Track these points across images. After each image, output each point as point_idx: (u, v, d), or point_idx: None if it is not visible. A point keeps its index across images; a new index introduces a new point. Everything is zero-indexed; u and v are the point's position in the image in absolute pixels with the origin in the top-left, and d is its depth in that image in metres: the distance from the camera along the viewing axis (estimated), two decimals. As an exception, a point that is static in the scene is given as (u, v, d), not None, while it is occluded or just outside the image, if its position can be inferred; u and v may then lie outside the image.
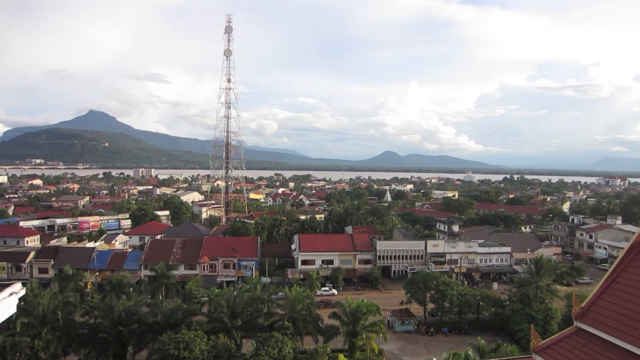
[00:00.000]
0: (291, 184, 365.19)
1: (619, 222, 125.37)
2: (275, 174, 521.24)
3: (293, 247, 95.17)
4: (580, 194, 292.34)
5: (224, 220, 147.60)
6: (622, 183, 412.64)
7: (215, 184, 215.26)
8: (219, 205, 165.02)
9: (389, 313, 66.87)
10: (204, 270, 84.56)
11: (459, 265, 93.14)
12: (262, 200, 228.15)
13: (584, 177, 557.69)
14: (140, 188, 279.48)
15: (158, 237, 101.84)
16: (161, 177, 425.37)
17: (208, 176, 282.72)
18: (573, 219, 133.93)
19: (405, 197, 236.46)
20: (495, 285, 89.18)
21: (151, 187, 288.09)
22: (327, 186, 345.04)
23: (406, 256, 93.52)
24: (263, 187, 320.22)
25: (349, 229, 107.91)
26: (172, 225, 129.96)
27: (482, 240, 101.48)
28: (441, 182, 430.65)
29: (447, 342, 60.35)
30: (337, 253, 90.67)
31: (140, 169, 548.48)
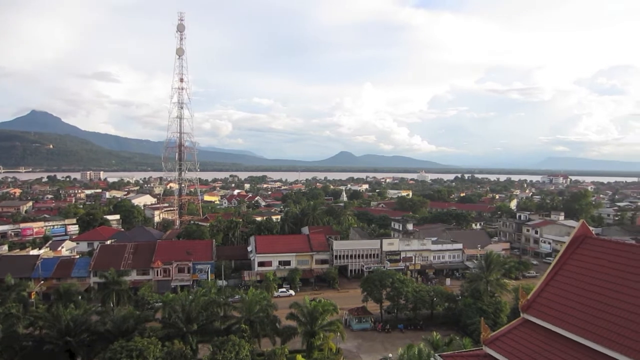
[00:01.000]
0: (247, 186, 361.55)
1: (561, 218, 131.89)
2: (231, 176, 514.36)
3: (249, 248, 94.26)
4: (527, 191, 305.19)
5: (177, 224, 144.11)
6: (564, 181, 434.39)
7: (168, 186, 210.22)
8: (172, 208, 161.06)
9: (346, 312, 67.40)
10: (157, 275, 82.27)
11: (413, 262, 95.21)
12: (217, 202, 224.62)
13: (530, 176, 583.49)
14: (89, 192, 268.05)
15: (108, 242, 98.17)
16: (111, 180, 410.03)
17: (161, 178, 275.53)
18: (520, 216, 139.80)
19: (361, 197, 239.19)
20: (448, 281, 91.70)
21: (100, 190, 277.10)
22: (283, 187, 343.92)
23: (362, 255, 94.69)
24: (218, 189, 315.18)
25: (305, 230, 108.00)
26: (123, 229, 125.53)
27: (435, 238, 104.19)
28: (396, 181, 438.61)
29: (403, 338, 61.46)
30: (294, 254, 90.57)
31: (88, 172, 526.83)
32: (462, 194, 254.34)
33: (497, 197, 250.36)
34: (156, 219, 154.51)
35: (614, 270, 22.23)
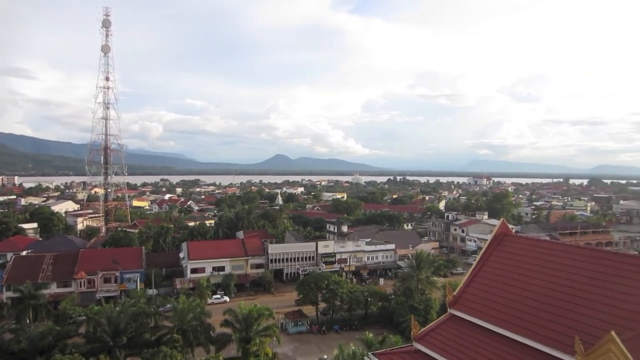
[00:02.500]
0: (179, 190, 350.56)
1: (485, 217, 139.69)
2: (162, 180, 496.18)
3: (182, 255, 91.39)
4: (454, 193, 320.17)
5: (103, 231, 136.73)
6: (487, 182, 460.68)
7: (93, 191, 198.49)
8: (97, 215, 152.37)
9: (282, 316, 67.15)
10: (80, 286, 77.44)
11: (348, 264, 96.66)
12: (147, 207, 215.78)
13: (457, 178, 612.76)
14: (1, 198, 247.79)
15: (23, 253, 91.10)
16: (27, 185, 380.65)
17: (84, 183, 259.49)
18: (448, 216, 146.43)
19: (297, 200, 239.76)
20: (381, 280, 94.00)
21: (14, 197, 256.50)
22: (217, 191, 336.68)
23: (298, 258, 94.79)
24: (148, 193, 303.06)
25: (240, 234, 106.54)
26: (41, 239, 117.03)
27: (369, 239, 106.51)
28: (331, 184, 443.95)
29: (339, 339, 62.01)
30: (229, 259, 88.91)
31: (1, 177, 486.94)
32: (394, 196, 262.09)
33: (427, 198, 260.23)
34: (79, 226, 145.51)
35: (531, 264, 23.84)
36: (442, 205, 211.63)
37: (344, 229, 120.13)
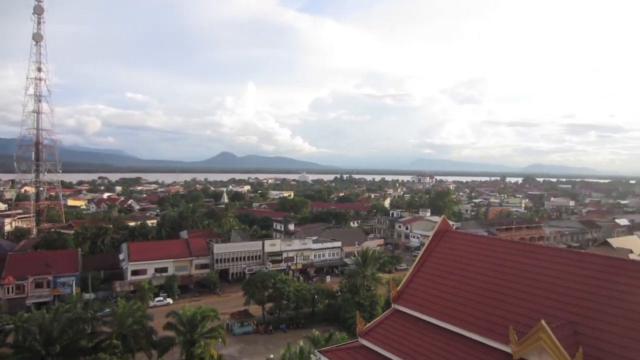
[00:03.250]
0: (118, 188, 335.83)
1: (428, 214, 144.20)
2: (100, 177, 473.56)
3: (121, 257, 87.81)
4: (398, 190, 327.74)
5: (34, 232, 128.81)
6: (430, 180, 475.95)
7: (23, 190, 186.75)
8: (28, 215, 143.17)
9: (227, 316, 66.15)
10: (8, 292, 72.43)
11: (295, 262, 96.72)
12: (84, 207, 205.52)
13: (401, 176, 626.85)
14: None
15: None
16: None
17: (12, 181, 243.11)
18: (393, 213, 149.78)
19: (243, 198, 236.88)
20: (328, 278, 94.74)
21: None
22: (159, 189, 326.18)
23: (244, 257, 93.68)
24: (85, 192, 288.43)
25: (184, 234, 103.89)
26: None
27: (316, 237, 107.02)
28: (277, 182, 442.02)
29: (285, 338, 61.91)
30: (172, 260, 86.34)
31: None
32: (341, 194, 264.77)
33: (372, 196, 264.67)
34: (7, 227, 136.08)
35: (469, 259, 24.81)
36: (387, 203, 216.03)
37: (291, 227, 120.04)
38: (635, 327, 17.38)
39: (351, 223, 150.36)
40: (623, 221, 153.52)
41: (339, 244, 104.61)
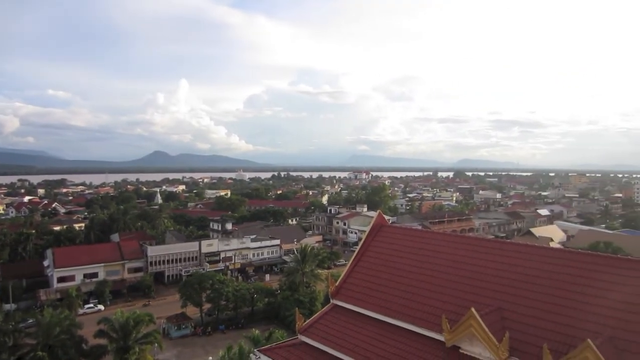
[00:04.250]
0: (41, 191, 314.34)
1: (365, 209, 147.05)
2: (19, 180, 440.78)
3: (46, 263, 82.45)
4: (336, 187, 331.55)
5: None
6: (366, 176, 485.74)
7: None
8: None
9: (164, 320, 64.13)
10: None
11: (233, 262, 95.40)
12: (2, 212, 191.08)
13: (338, 172, 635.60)
14: None
15: None
16: None
17: None
18: (330, 210, 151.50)
19: (178, 199, 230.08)
20: (267, 276, 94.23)
21: None
22: (87, 191, 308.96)
23: (180, 259, 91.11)
24: (2, 196, 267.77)
25: (115, 237, 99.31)
26: None
27: (254, 236, 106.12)
28: (214, 181, 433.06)
29: (225, 339, 61.08)
30: (102, 264, 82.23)
31: None
32: (279, 192, 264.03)
33: (310, 193, 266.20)
34: None
35: (404, 252, 25.64)
36: (325, 199, 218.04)
37: (228, 226, 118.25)
38: (555, 311, 18.76)
39: (289, 220, 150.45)
40: (544, 211, 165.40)
41: (277, 241, 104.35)
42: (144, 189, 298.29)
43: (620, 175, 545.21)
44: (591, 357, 15.26)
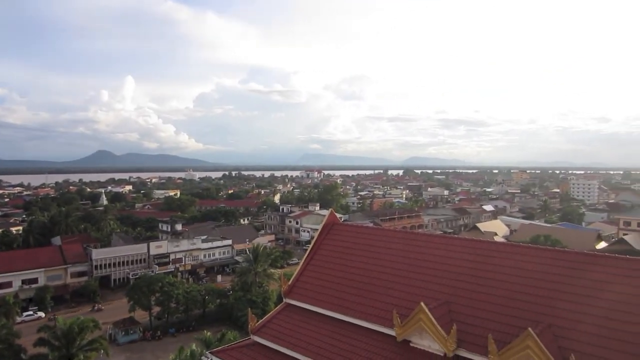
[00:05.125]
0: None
1: (317, 208, 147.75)
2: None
3: (-21, 270, 77.27)
4: (288, 186, 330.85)
5: None
6: (318, 175, 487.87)
7: None
8: None
9: (110, 325, 61.80)
10: None
11: (184, 263, 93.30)
12: None
13: (290, 172, 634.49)
14: None
15: None
16: None
17: None
18: (283, 209, 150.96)
19: (124, 199, 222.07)
20: (219, 277, 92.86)
21: None
22: (25, 192, 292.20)
23: (127, 262, 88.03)
24: None
25: (57, 240, 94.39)
26: None
27: (205, 236, 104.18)
28: (162, 181, 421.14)
29: (175, 343, 59.54)
30: (43, 269, 78.07)
31: None
32: (230, 191, 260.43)
33: (262, 192, 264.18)
34: None
35: (356, 249, 25.95)
36: (277, 198, 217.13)
37: (178, 227, 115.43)
38: (499, 302, 19.59)
39: (241, 220, 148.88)
40: (489, 207, 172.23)
41: (229, 242, 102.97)
42: (88, 189, 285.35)
43: (557, 172, 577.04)
44: (532, 344, 16.06)
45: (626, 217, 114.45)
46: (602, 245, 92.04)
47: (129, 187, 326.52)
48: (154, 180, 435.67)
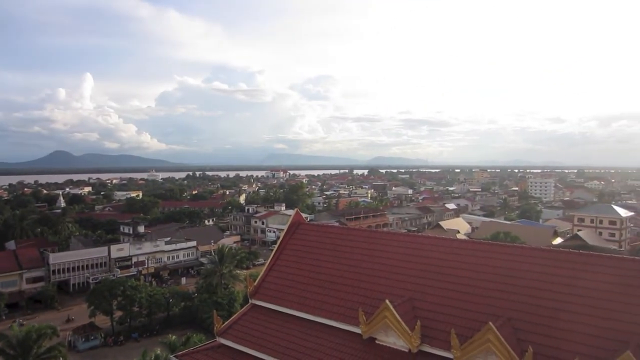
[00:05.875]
0: None
1: (283, 208, 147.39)
2: None
3: None
4: (253, 186, 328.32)
5: None
6: (284, 175, 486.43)
7: None
8: None
9: (69, 332, 59.87)
10: None
11: (146, 266, 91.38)
12: None
13: (256, 172, 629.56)
14: None
15: None
16: None
17: None
18: (248, 209, 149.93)
19: (83, 201, 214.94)
20: (183, 280, 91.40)
21: None
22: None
23: (87, 266, 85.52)
24: None
25: (11, 245, 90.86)
26: None
27: (169, 238, 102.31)
28: (124, 182, 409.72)
29: (139, 348, 58.19)
30: (-4, 275, 74.82)
31: None
32: (194, 192, 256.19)
33: (227, 192, 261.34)
34: None
35: (322, 249, 26.06)
36: (242, 199, 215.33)
37: (141, 229, 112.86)
38: (461, 298, 20.12)
39: (206, 221, 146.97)
40: (451, 205, 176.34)
41: (193, 243, 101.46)
42: (44, 191, 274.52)
43: (516, 171, 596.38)
44: (492, 338, 16.59)
45: (580, 213, 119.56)
46: (558, 240, 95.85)
47: (88, 189, 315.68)
48: (114, 181, 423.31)
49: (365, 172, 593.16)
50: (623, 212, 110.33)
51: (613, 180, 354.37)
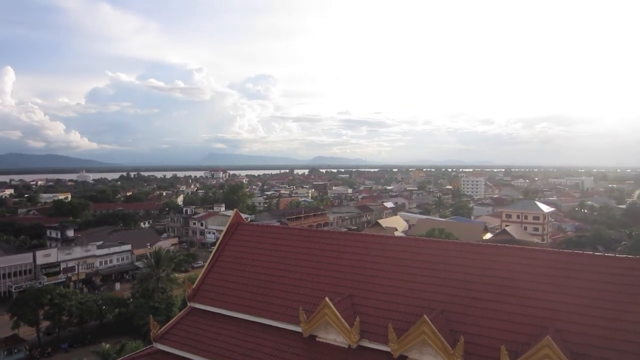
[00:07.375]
0: None
1: (223, 208, 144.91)
2: None
3: None
4: (192, 187, 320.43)
5: None
6: (224, 175, 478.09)
7: None
8: None
9: (-11, 346, 55.50)
10: None
11: (77, 272, 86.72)
12: None
13: (194, 172, 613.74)
14: None
15: None
16: None
17: None
18: (187, 210, 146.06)
19: (5, 204, 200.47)
20: (117, 285, 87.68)
21: None
22: None
23: (9, 274, 79.93)
24: None
25: None
26: None
27: (101, 242, 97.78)
28: (50, 183, 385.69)
29: (69, 359, 55.36)
30: None
31: None
32: (128, 193, 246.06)
33: (164, 193, 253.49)
34: None
35: (262, 249, 25.95)
36: (180, 200, 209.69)
37: (70, 233, 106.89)
38: (398, 293, 20.76)
39: (142, 224, 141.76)
40: (389, 204, 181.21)
41: (128, 247, 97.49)
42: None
43: (450, 170, 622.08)
44: (427, 330, 17.28)
45: (507, 210, 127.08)
46: (488, 235, 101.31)
47: (10, 191, 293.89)
48: (40, 182, 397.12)
49: (306, 172, 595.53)
50: (545, 208, 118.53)
51: (536, 179, 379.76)
